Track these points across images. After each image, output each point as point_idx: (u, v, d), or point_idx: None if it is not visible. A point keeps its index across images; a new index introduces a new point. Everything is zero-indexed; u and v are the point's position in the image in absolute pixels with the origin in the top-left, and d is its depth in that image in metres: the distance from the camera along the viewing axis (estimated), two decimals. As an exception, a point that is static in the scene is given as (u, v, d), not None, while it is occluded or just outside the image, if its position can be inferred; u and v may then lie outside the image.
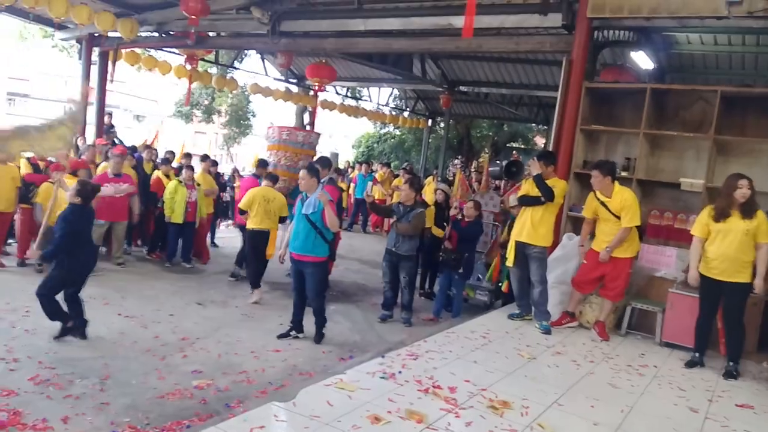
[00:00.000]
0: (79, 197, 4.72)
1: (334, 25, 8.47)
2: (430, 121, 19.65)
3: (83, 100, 5.84)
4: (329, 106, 15.69)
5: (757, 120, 6.01)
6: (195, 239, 8.09)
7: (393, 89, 18.57)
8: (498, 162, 10.29)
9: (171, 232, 7.81)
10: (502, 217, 7.33)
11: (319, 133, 9.09)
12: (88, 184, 4.92)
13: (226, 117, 24.50)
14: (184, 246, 7.87)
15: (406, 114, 19.34)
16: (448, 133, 18.46)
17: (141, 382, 4.02)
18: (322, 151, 11.12)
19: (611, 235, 5.24)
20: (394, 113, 19.23)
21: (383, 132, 24.00)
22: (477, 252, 6.90)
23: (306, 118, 16.51)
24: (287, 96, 14.48)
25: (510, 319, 5.70)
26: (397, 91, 19.30)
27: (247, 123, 24.77)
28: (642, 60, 8.59)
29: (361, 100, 18.34)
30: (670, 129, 6.27)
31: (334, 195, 5.94)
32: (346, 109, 16.27)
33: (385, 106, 19.04)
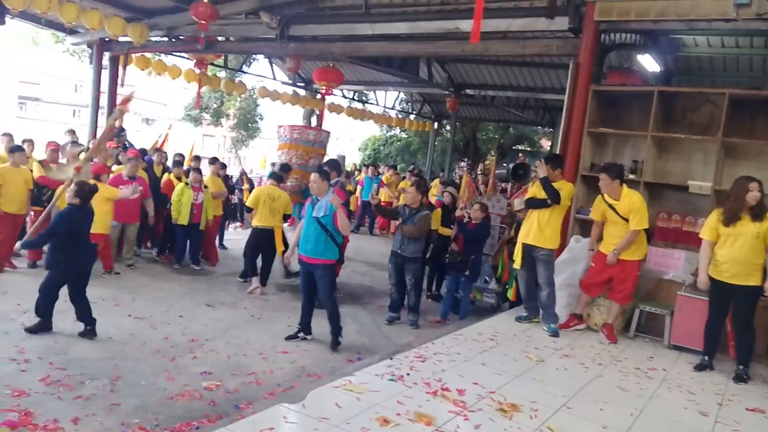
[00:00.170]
0: (77, 198, 4.75)
1: (341, 30, 8.52)
2: (437, 124, 19.66)
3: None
4: (336, 109, 15.75)
5: (765, 122, 5.98)
6: (204, 241, 8.15)
7: (399, 92, 18.63)
8: (505, 164, 10.28)
9: (178, 233, 7.88)
10: (509, 220, 7.33)
11: (329, 132, 9.10)
12: (86, 185, 4.94)
13: (235, 120, 24.59)
14: (191, 248, 7.92)
15: (413, 117, 19.36)
16: (455, 135, 18.46)
17: (151, 383, 4.05)
18: (329, 153, 11.12)
19: (619, 237, 5.22)
20: (401, 116, 19.27)
21: (390, 135, 24.03)
22: (484, 254, 6.90)
23: (313, 122, 16.59)
24: (295, 99, 14.55)
25: (518, 322, 5.70)
26: (404, 95, 19.35)
27: (255, 126, 24.86)
28: (649, 63, 8.58)
29: (368, 103, 18.38)
30: (678, 132, 6.25)
31: (341, 197, 5.98)
32: (352, 112, 16.33)
33: (392, 109, 19.09)
